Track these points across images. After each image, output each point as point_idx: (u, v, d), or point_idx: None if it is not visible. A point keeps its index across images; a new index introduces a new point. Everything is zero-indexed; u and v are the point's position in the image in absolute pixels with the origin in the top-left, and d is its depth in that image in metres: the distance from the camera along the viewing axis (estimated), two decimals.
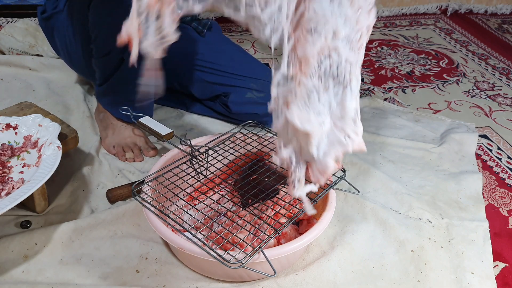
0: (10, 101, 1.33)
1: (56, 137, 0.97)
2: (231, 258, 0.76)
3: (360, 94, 1.56)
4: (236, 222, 0.84)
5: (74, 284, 0.84)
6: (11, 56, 1.53)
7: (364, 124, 1.46)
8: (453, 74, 1.74)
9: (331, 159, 0.67)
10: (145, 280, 0.85)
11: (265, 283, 0.85)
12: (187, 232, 0.81)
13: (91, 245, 0.92)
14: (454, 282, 0.89)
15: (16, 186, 0.88)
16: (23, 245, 0.90)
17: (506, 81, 1.70)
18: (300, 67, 0.62)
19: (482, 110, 1.51)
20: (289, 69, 0.64)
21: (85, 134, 1.22)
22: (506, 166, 1.25)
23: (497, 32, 2.13)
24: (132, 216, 0.97)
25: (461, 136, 1.30)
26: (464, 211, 1.06)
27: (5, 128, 1.01)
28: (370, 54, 1.87)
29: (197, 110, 1.37)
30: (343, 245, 0.94)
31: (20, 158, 0.97)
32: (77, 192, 1.06)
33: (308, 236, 0.81)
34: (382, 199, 1.08)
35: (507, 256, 0.97)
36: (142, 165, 1.16)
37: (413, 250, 0.94)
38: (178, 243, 0.78)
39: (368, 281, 0.88)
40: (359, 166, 1.17)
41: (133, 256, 0.90)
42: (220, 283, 0.86)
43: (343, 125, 0.66)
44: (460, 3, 2.33)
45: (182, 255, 0.88)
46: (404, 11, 2.29)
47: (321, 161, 0.67)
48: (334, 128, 0.66)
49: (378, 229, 0.99)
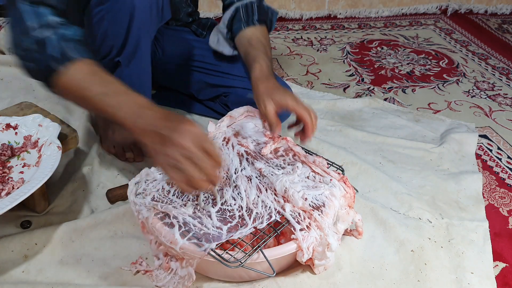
0: (10, 101, 1.33)
1: (56, 137, 0.97)
2: (230, 258, 0.76)
3: (360, 94, 1.56)
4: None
5: (74, 284, 0.85)
6: (11, 56, 1.54)
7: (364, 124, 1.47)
8: (453, 74, 1.74)
9: None
10: (145, 280, 0.85)
11: (265, 283, 0.85)
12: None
13: (91, 245, 0.92)
14: (454, 282, 0.89)
15: (16, 186, 0.88)
16: (23, 245, 0.90)
17: (506, 81, 1.70)
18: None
19: (482, 110, 1.51)
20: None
21: (85, 134, 1.22)
22: (506, 166, 1.25)
23: (497, 32, 2.13)
24: (132, 216, 0.97)
25: (461, 136, 1.30)
26: (464, 211, 1.06)
27: (5, 128, 1.01)
28: (370, 54, 1.87)
29: (197, 110, 1.37)
30: (343, 245, 0.94)
31: (20, 158, 0.97)
32: (77, 192, 1.06)
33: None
34: (382, 199, 1.08)
35: (507, 256, 0.97)
36: (142, 165, 1.16)
37: (413, 250, 0.94)
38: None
39: (368, 281, 0.88)
40: (359, 166, 1.17)
41: (133, 256, 0.90)
42: (220, 283, 0.86)
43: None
44: (460, 3, 2.33)
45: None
46: (404, 11, 2.29)
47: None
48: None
49: (378, 229, 0.99)
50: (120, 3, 0.94)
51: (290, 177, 0.87)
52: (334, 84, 1.64)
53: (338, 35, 2.04)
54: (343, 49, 1.91)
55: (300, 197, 0.83)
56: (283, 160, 0.94)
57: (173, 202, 0.84)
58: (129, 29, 0.98)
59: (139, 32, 0.99)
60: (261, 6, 1.18)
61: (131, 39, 0.99)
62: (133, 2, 0.95)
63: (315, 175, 0.90)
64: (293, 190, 0.83)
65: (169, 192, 0.86)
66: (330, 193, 0.85)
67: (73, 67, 0.80)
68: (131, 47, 1.01)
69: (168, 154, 0.73)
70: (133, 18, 0.96)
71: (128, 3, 0.94)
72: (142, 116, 0.77)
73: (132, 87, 1.02)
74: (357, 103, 1.48)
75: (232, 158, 0.93)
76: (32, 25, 0.80)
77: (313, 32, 2.06)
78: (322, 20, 2.19)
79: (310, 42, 1.96)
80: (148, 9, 0.98)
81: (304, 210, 0.82)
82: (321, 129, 1.33)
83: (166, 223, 0.80)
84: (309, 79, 1.66)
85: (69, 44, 0.81)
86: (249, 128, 1.02)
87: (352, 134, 1.31)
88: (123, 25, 0.97)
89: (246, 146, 0.96)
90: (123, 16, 0.96)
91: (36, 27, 0.80)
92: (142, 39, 1.01)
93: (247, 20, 1.15)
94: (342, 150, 1.22)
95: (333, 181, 0.88)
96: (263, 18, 1.17)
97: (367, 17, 2.24)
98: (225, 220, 0.81)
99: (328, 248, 0.80)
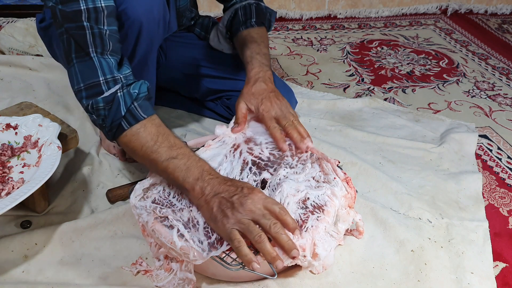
0: (10, 101, 1.33)
1: (56, 137, 0.97)
2: (232, 260, 0.76)
3: (360, 94, 1.56)
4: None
5: (74, 284, 0.85)
6: (11, 56, 1.54)
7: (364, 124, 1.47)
8: (453, 74, 1.74)
9: None
10: (145, 280, 0.85)
11: (265, 283, 0.85)
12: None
13: (91, 245, 0.92)
14: (454, 282, 0.89)
15: (16, 186, 0.88)
16: (23, 245, 0.90)
17: (506, 81, 1.70)
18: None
19: (482, 110, 1.51)
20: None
21: (85, 134, 1.22)
22: (506, 166, 1.25)
23: (497, 32, 2.13)
24: (132, 216, 0.97)
25: (461, 136, 1.30)
26: (464, 211, 1.06)
27: (5, 128, 1.01)
28: (370, 54, 1.88)
29: (198, 112, 1.37)
30: (343, 245, 0.94)
31: (20, 158, 0.97)
32: (77, 192, 1.06)
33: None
34: (382, 199, 1.08)
35: (507, 256, 0.97)
36: (142, 165, 1.16)
37: (413, 250, 0.94)
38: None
39: (368, 281, 0.88)
40: (359, 166, 1.17)
41: (133, 256, 0.90)
42: (220, 283, 0.86)
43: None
44: (460, 3, 2.33)
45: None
46: (404, 11, 2.29)
47: None
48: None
49: (378, 229, 0.99)
50: (129, 22, 0.91)
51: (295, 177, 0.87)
52: (334, 84, 1.64)
53: (338, 35, 2.04)
54: (343, 49, 1.91)
55: (294, 201, 0.83)
56: (298, 158, 0.94)
57: (173, 205, 0.84)
58: (135, 46, 0.96)
59: (146, 48, 0.98)
60: (259, 7, 1.18)
61: (138, 55, 0.98)
62: (141, 22, 0.91)
63: (321, 174, 0.91)
64: (290, 200, 0.83)
65: (170, 194, 0.86)
66: (331, 192, 0.86)
67: (141, 128, 0.83)
68: (137, 61, 0.99)
69: (239, 219, 0.75)
70: (140, 37, 0.94)
71: (136, 23, 0.91)
72: (209, 183, 0.80)
73: None
74: (357, 103, 1.48)
75: (234, 166, 0.92)
76: (98, 80, 0.82)
77: (313, 32, 2.06)
78: (322, 20, 2.19)
79: (310, 42, 1.96)
80: (156, 25, 0.95)
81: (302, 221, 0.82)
82: (321, 129, 1.33)
83: (166, 225, 0.80)
84: (309, 79, 1.66)
85: (137, 103, 0.83)
86: (262, 133, 1.02)
87: (352, 134, 1.31)
88: (130, 43, 0.95)
89: (256, 156, 0.96)
90: (130, 35, 0.93)
91: (102, 80, 0.82)
92: (148, 54, 1.00)
93: (245, 22, 1.16)
94: (342, 150, 1.22)
95: (336, 179, 0.88)
96: (261, 19, 1.17)
97: (367, 17, 2.24)
98: (207, 234, 0.80)
99: (316, 258, 0.79)
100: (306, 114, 1.40)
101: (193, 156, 0.83)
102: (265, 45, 1.13)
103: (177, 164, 0.81)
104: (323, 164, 0.93)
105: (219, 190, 0.79)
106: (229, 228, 0.75)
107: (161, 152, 0.82)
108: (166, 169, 0.82)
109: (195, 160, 0.82)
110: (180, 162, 0.81)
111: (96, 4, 0.81)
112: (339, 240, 0.86)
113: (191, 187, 0.80)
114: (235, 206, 0.76)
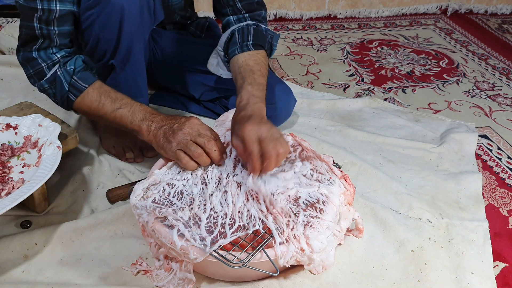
0: (10, 101, 1.33)
1: (56, 137, 0.97)
2: (234, 258, 0.76)
3: (360, 94, 1.57)
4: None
5: (74, 284, 0.85)
6: (11, 56, 1.54)
7: (364, 124, 1.47)
8: (453, 74, 1.74)
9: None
10: (145, 280, 0.85)
11: (265, 282, 0.85)
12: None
13: (91, 245, 0.92)
14: (454, 282, 0.89)
15: (16, 186, 0.88)
16: (23, 245, 0.90)
17: (506, 81, 1.70)
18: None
19: (482, 110, 1.51)
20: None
21: (85, 134, 1.22)
22: (506, 166, 1.25)
23: (497, 32, 2.13)
24: (132, 216, 0.97)
25: (461, 136, 1.30)
26: (464, 211, 1.06)
27: (5, 128, 1.01)
28: (370, 54, 1.88)
29: (196, 111, 1.37)
30: (343, 245, 0.94)
31: (20, 158, 0.97)
32: (77, 192, 1.06)
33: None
34: (382, 199, 1.08)
35: (507, 256, 0.97)
36: (142, 165, 1.16)
37: (413, 250, 0.94)
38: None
39: (368, 281, 0.88)
40: (359, 166, 1.17)
41: (133, 256, 0.90)
42: (221, 283, 0.86)
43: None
44: (460, 3, 2.33)
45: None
46: (404, 11, 2.29)
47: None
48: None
49: (378, 229, 0.99)
50: (110, 7, 0.95)
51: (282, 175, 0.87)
52: (334, 84, 1.64)
53: (338, 35, 2.04)
54: (343, 49, 1.91)
55: (283, 198, 0.83)
56: (286, 158, 0.93)
57: (173, 204, 0.84)
58: (120, 33, 0.98)
59: (131, 35, 1.00)
60: (259, 29, 1.12)
61: (123, 42, 1.00)
62: (122, 5, 0.95)
63: (313, 172, 0.90)
64: (278, 193, 0.84)
65: (170, 194, 0.86)
66: (328, 191, 0.85)
67: (85, 95, 0.98)
68: (124, 50, 1.02)
69: (180, 140, 0.89)
70: (123, 21, 0.97)
71: (117, 7, 0.95)
72: (153, 120, 0.94)
73: (128, 89, 1.08)
74: (357, 103, 1.48)
75: (227, 163, 0.93)
76: (41, 66, 0.98)
77: (313, 32, 2.06)
78: (322, 20, 2.19)
79: (310, 42, 1.96)
80: (139, 12, 0.98)
81: (287, 214, 0.81)
82: (321, 129, 1.33)
83: (166, 225, 0.80)
84: (309, 79, 1.66)
85: (76, 76, 0.97)
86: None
87: (352, 134, 1.31)
88: (113, 29, 0.98)
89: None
90: (113, 20, 0.97)
91: (45, 66, 0.97)
92: (134, 42, 1.02)
93: (242, 45, 1.09)
94: (342, 150, 1.22)
95: (333, 178, 0.88)
96: (260, 42, 1.10)
97: (367, 17, 2.24)
98: (209, 230, 0.80)
99: (311, 250, 0.79)
100: (306, 114, 1.40)
101: (135, 103, 0.96)
102: (260, 74, 1.03)
103: (122, 112, 0.96)
104: (317, 164, 0.92)
105: (162, 124, 0.93)
106: (174, 150, 0.90)
107: (106, 107, 0.96)
108: (115, 119, 0.96)
109: (137, 105, 0.96)
110: (124, 110, 0.96)
111: (51, 6, 0.92)
112: (340, 238, 0.86)
113: (139, 127, 0.94)
114: (175, 131, 0.90)
